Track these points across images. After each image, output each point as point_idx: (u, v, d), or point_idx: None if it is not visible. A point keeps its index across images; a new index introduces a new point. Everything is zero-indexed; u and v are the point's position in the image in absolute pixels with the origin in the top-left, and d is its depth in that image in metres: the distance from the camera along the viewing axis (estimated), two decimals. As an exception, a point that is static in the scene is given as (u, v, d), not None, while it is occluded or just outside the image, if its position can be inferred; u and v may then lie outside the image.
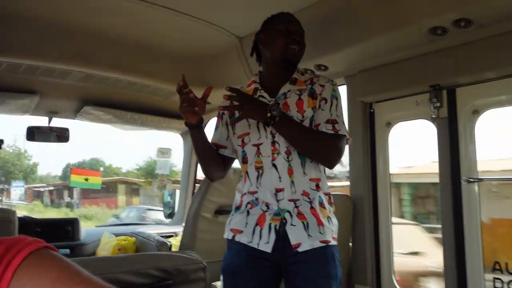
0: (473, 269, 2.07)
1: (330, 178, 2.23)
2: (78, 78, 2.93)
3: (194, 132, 1.78)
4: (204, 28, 2.74)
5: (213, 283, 2.40)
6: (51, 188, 33.39)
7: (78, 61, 2.79)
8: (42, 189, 33.08)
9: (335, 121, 1.74)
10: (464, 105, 2.17)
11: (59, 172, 43.48)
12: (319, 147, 1.73)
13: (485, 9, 1.84)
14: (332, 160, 1.74)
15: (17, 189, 31.37)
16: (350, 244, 2.57)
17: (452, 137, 2.18)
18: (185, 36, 2.91)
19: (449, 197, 2.16)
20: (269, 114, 1.63)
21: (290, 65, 1.81)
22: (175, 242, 3.05)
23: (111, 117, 3.40)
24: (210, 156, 1.87)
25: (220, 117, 1.96)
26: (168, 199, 4.29)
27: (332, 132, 1.73)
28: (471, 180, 2.10)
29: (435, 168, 2.28)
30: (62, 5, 2.43)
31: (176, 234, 3.53)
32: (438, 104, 2.22)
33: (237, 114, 1.77)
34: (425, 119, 2.34)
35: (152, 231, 3.38)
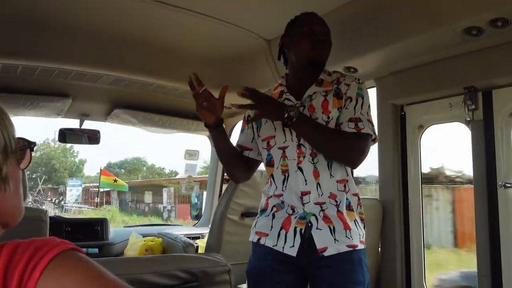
0: (509, 277, 1.99)
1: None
2: (108, 82, 2.99)
3: (214, 133, 1.79)
4: (231, 31, 2.75)
5: (239, 286, 2.39)
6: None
7: (108, 65, 2.85)
8: (100, 189, 24.22)
9: (359, 119, 1.70)
10: (501, 107, 2.08)
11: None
12: (339, 147, 1.70)
13: None
14: (354, 159, 1.71)
15: (73, 189, 26.38)
16: (379, 249, 2.50)
17: (488, 141, 2.10)
18: (213, 39, 2.92)
19: (485, 203, 2.08)
20: (286, 115, 1.61)
21: (317, 66, 1.78)
22: (201, 244, 3.05)
23: (140, 120, 3.45)
24: (233, 158, 1.87)
25: (246, 119, 1.96)
26: (195, 200, 4.32)
27: (354, 130, 1.69)
28: (508, 185, 2.02)
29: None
30: (94, 12, 2.49)
31: (202, 236, 3.54)
32: (473, 107, 2.14)
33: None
34: (459, 122, 2.26)
35: (179, 232, 3.40)
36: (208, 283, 1.27)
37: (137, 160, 40.18)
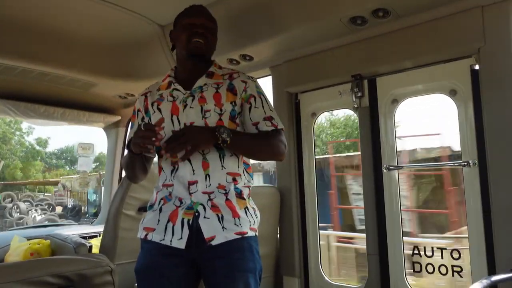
0: (394, 255, 2.13)
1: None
2: (-21, 68, 2.64)
3: (138, 157, 1.72)
4: (124, 16, 2.59)
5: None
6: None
7: None
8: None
9: (271, 117, 1.75)
10: (384, 94, 2.21)
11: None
12: (268, 148, 1.74)
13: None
14: (281, 153, 1.76)
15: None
16: (278, 235, 2.54)
17: (373, 126, 2.22)
18: (104, 24, 2.72)
19: (371, 185, 2.20)
20: (219, 137, 1.59)
21: (197, 58, 1.76)
22: (97, 243, 2.85)
23: (22, 111, 3.11)
24: (141, 166, 1.80)
25: (135, 114, 1.87)
26: (93, 197, 4.06)
27: (272, 128, 1.73)
28: (392, 167, 2.15)
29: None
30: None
31: (100, 234, 3.32)
32: (360, 94, 2.25)
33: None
34: (348, 108, 2.37)
35: (75, 232, 3.15)
36: (86, 286, 1.15)
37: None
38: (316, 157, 2.55)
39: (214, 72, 1.78)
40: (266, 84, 2.44)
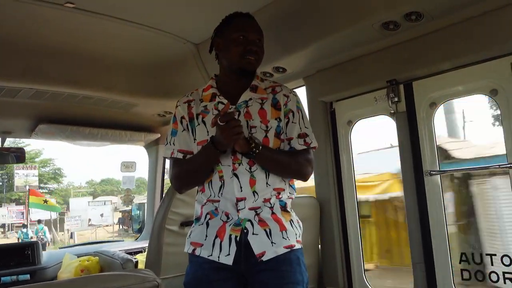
0: (440, 263, 2.06)
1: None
2: (28, 96, 2.80)
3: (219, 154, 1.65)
4: (158, 37, 2.68)
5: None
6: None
7: (27, 78, 2.66)
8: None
9: (306, 134, 1.74)
10: (422, 98, 2.17)
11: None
12: (294, 167, 1.72)
13: (433, 2, 1.85)
14: (307, 174, 1.75)
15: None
16: (319, 246, 2.52)
17: (412, 131, 2.17)
18: (140, 46, 2.83)
19: (413, 191, 2.15)
20: (253, 143, 1.58)
21: (247, 74, 1.75)
22: (142, 258, 2.93)
23: (68, 134, 3.27)
24: (210, 170, 1.73)
25: (177, 120, 1.79)
26: (137, 213, 4.18)
27: (304, 146, 1.72)
28: (433, 172, 2.10)
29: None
30: (8, 20, 2.32)
31: (144, 250, 3.41)
32: (396, 99, 2.21)
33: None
34: (385, 114, 2.33)
35: (121, 248, 3.25)
36: (134, 301, 1.19)
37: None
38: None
39: (257, 85, 1.77)
40: (300, 95, 2.45)
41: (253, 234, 1.63)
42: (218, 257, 1.63)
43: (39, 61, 2.66)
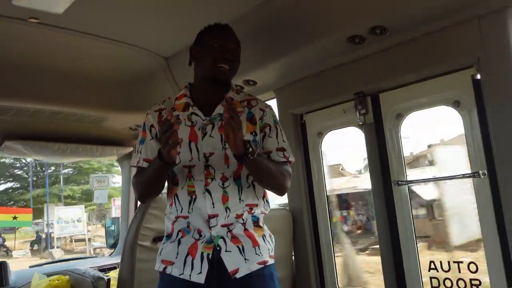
0: (410, 271, 2.10)
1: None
2: (-8, 112, 2.73)
3: (168, 168, 1.62)
4: (128, 51, 2.66)
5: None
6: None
7: None
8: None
9: (283, 148, 1.75)
10: (388, 110, 2.21)
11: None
12: (280, 177, 1.71)
13: (396, 16, 1.89)
14: (287, 187, 1.75)
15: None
16: (293, 258, 2.52)
17: (379, 142, 2.21)
18: (110, 60, 2.80)
19: (382, 200, 2.18)
20: (251, 148, 1.54)
21: (220, 83, 1.73)
22: (115, 275, 2.87)
23: (36, 150, 3.19)
24: (161, 182, 1.71)
25: (147, 129, 1.77)
26: (111, 228, 4.10)
27: (284, 159, 1.73)
28: (401, 183, 2.14)
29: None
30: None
31: (118, 266, 3.35)
32: (364, 111, 2.25)
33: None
34: (354, 126, 2.37)
35: (95, 264, 3.18)
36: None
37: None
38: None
39: (233, 98, 1.73)
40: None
41: (226, 251, 1.62)
42: (190, 275, 1.62)
43: (3, 77, 2.59)
